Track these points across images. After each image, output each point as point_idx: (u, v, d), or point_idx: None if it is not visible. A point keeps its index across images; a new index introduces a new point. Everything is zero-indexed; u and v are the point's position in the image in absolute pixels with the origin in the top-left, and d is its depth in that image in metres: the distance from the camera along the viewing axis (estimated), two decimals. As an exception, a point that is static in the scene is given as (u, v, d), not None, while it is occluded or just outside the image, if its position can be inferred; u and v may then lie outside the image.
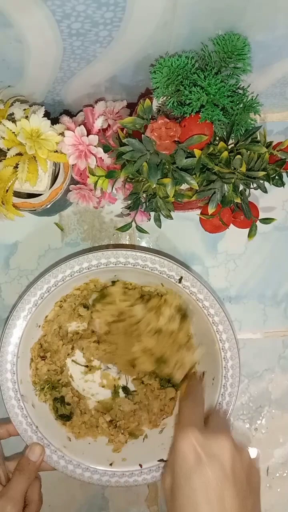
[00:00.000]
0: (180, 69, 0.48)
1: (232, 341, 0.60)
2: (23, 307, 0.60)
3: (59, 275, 0.60)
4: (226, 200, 0.53)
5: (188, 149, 0.50)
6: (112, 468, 0.62)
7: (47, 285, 0.60)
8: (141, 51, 0.50)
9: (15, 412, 0.60)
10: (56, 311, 0.64)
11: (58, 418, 0.64)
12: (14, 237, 0.68)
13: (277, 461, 0.68)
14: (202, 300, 0.60)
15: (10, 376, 0.60)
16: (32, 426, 0.61)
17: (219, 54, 0.48)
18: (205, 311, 0.60)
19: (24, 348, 0.61)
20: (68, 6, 0.40)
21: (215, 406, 0.60)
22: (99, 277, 0.64)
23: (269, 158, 0.53)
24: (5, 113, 0.53)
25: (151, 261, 0.60)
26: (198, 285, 0.60)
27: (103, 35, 0.45)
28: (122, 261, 0.60)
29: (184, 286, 0.60)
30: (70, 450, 0.62)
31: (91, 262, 0.60)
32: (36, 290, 0.60)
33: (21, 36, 0.45)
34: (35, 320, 0.62)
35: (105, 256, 0.60)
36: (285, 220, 0.69)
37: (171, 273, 0.60)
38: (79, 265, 0.60)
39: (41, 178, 0.55)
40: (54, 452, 0.61)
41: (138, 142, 0.49)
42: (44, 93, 0.57)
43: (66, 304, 0.65)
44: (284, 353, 0.69)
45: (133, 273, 0.62)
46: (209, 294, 0.60)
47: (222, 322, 0.60)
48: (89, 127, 0.56)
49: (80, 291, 0.65)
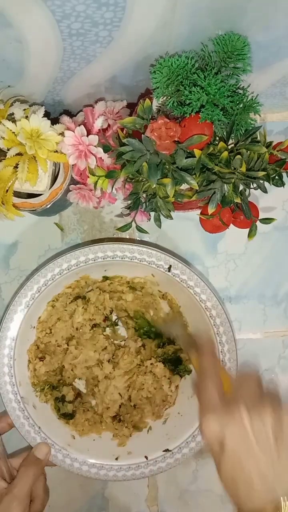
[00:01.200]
0: (180, 69, 0.48)
1: (231, 343, 0.60)
2: (15, 309, 0.60)
3: (48, 274, 0.60)
4: (226, 200, 0.53)
5: (188, 149, 0.50)
6: (118, 462, 0.62)
7: (37, 285, 0.60)
8: (141, 51, 0.50)
9: (17, 414, 0.60)
10: (49, 311, 0.64)
11: (61, 417, 0.64)
12: (14, 237, 0.68)
13: (277, 461, 0.68)
14: (205, 301, 0.60)
15: (9, 379, 0.60)
16: (35, 427, 0.61)
17: (219, 54, 0.48)
18: (207, 313, 0.60)
19: (20, 350, 0.61)
20: (68, 6, 0.40)
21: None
22: (89, 273, 0.64)
23: (269, 158, 0.53)
24: (5, 113, 0.53)
25: (139, 252, 0.60)
26: (188, 272, 0.60)
27: (103, 35, 0.45)
28: (110, 255, 0.60)
29: (189, 286, 0.61)
30: (75, 448, 0.62)
31: (79, 258, 0.60)
32: (27, 291, 0.60)
33: (21, 36, 0.45)
34: (28, 322, 0.62)
35: (92, 251, 0.60)
36: (285, 220, 0.69)
37: (160, 263, 0.60)
38: (67, 262, 0.60)
39: (41, 178, 0.55)
40: (58, 451, 0.61)
41: (138, 142, 0.49)
42: (44, 93, 0.57)
43: (59, 304, 0.65)
44: (284, 353, 0.69)
45: (123, 266, 0.62)
46: (212, 295, 0.60)
47: (223, 323, 0.60)
48: (89, 127, 0.56)
49: (71, 289, 0.65)
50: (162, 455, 0.62)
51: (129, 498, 0.68)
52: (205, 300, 0.60)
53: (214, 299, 0.60)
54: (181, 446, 0.62)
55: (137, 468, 0.62)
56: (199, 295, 0.61)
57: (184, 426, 0.63)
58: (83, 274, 0.64)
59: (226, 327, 0.60)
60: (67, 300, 0.65)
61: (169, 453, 0.62)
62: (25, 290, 0.60)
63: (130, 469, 0.62)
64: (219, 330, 0.60)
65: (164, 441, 0.63)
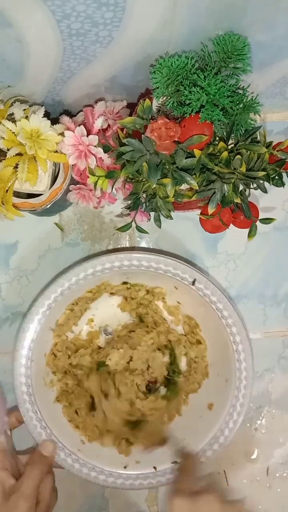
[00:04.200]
0: (180, 69, 0.48)
1: (245, 343, 0.60)
2: (37, 310, 0.60)
3: (72, 278, 0.60)
4: (226, 200, 0.53)
5: (188, 149, 0.50)
6: (126, 471, 0.62)
7: (60, 288, 0.60)
8: (141, 51, 0.50)
9: (29, 415, 0.60)
10: (67, 315, 0.64)
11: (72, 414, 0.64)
12: (14, 237, 0.68)
13: (277, 461, 0.68)
14: (216, 302, 0.60)
15: (24, 380, 0.60)
16: (46, 429, 0.61)
17: (219, 54, 0.48)
18: (219, 313, 0.60)
19: (37, 352, 0.61)
20: (68, 6, 0.40)
21: (228, 409, 0.61)
22: (110, 279, 0.64)
23: (269, 158, 0.53)
24: (5, 113, 0.53)
25: (165, 263, 0.60)
26: (212, 287, 0.60)
27: (103, 35, 0.45)
28: (135, 264, 0.60)
29: (197, 288, 0.60)
30: (85, 453, 0.62)
31: (104, 265, 0.60)
32: (50, 294, 0.60)
33: (21, 36, 0.45)
34: (47, 324, 0.62)
35: (118, 259, 0.60)
36: (285, 220, 0.69)
37: (185, 275, 0.60)
38: (93, 268, 0.60)
39: (41, 178, 0.55)
40: (68, 456, 0.61)
41: (138, 142, 0.49)
42: (44, 93, 0.57)
43: (77, 308, 0.64)
44: (284, 353, 0.69)
45: (146, 275, 0.62)
46: (222, 296, 0.60)
47: (236, 323, 0.60)
48: (89, 127, 0.56)
49: (92, 294, 0.65)
50: (171, 467, 0.62)
51: (129, 498, 0.68)
52: (227, 316, 0.60)
53: (235, 316, 0.60)
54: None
55: (145, 478, 0.62)
56: (221, 311, 0.60)
57: (194, 441, 0.62)
58: (105, 279, 0.64)
59: (245, 345, 0.60)
60: (86, 306, 0.65)
61: (178, 464, 0.61)
62: (49, 292, 0.60)
63: (138, 478, 0.62)
64: (238, 347, 0.60)
65: (173, 453, 0.62)
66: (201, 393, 0.65)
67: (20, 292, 0.68)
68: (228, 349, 0.61)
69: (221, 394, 0.62)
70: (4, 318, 0.68)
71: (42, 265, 0.68)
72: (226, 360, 0.61)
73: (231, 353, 0.61)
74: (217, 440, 0.61)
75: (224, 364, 0.62)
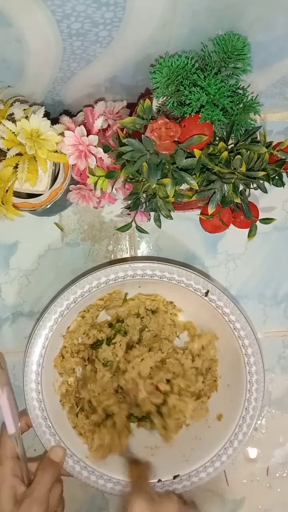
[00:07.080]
0: (180, 69, 0.48)
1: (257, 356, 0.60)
2: (50, 317, 0.60)
3: (86, 286, 0.60)
4: (226, 200, 0.53)
5: (188, 149, 0.50)
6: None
7: (73, 296, 0.60)
8: (141, 51, 0.50)
9: (39, 422, 0.60)
10: (78, 322, 0.64)
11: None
12: (14, 237, 0.68)
13: (277, 461, 0.68)
14: (239, 329, 0.60)
15: (35, 386, 0.60)
16: (56, 436, 0.61)
17: (219, 54, 0.48)
18: (240, 342, 0.61)
19: (48, 358, 0.61)
20: (68, 6, 0.40)
21: (241, 411, 0.61)
22: (122, 287, 0.64)
23: (269, 158, 0.53)
24: (5, 113, 0.53)
25: (178, 273, 0.60)
26: (225, 299, 0.60)
27: (103, 35, 0.45)
28: (148, 273, 0.60)
29: (224, 313, 0.61)
30: (93, 461, 0.62)
31: (118, 273, 0.60)
32: (63, 301, 0.60)
33: (21, 36, 0.45)
34: (59, 330, 0.62)
35: (132, 269, 0.60)
36: (285, 220, 0.69)
37: (198, 287, 0.60)
38: (106, 277, 0.60)
39: (41, 178, 0.55)
40: (77, 463, 0.61)
41: (138, 142, 0.49)
42: (44, 93, 0.57)
43: (88, 315, 0.64)
44: (284, 353, 0.69)
45: (157, 285, 0.62)
46: (236, 308, 0.60)
47: (248, 336, 0.60)
48: (89, 127, 0.56)
49: (103, 301, 0.65)
50: (179, 478, 0.62)
51: (129, 498, 0.68)
52: (239, 328, 0.60)
53: (248, 329, 0.60)
54: (198, 470, 0.62)
55: (151, 488, 0.62)
56: (234, 323, 0.60)
57: (202, 451, 0.63)
58: (117, 288, 0.64)
59: (257, 357, 0.60)
60: (97, 313, 0.65)
61: (181, 477, 0.62)
62: (61, 299, 0.60)
63: None
64: (250, 360, 0.60)
65: (181, 463, 0.62)
66: (210, 404, 0.65)
67: (20, 292, 0.68)
68: (239, 361, 0.61)
69: (230, 406, 0.62)
70: (4, 318, 0.68)
71: (42, 265, 0.68)
72: (236, 371, 0.62)
73: (242, 365, 0.61)
74: (225, 451, 0.61)
75: (233, 375, 0.62)
